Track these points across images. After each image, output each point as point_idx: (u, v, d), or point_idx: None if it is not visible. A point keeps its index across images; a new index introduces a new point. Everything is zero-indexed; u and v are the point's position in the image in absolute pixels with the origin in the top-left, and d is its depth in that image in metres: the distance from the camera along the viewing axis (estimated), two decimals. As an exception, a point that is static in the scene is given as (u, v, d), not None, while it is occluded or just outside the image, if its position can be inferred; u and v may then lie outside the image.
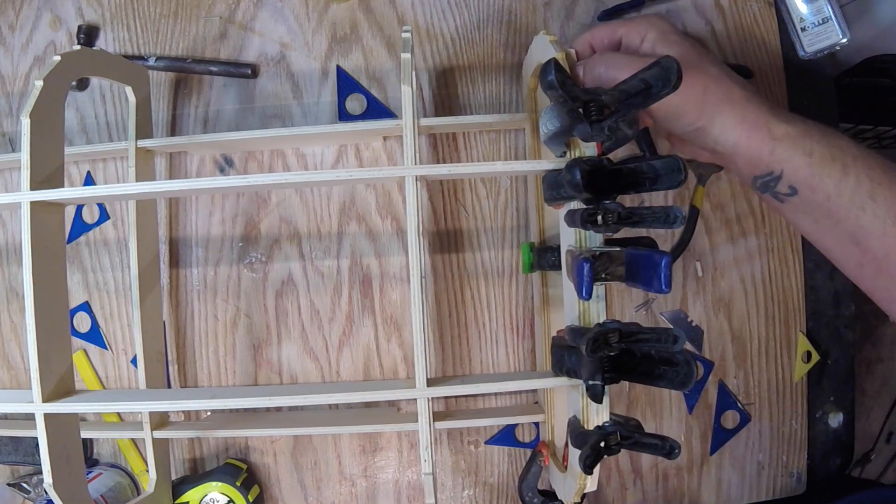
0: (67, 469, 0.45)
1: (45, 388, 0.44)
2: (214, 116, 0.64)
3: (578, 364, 0.42)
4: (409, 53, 0.46)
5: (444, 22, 0.63)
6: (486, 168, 0.49)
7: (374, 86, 0.63)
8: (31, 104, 0.44)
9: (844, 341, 0.64)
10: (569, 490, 0.46)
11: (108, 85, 0.65)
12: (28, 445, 0.63)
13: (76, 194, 0.46)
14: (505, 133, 0.63)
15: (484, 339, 0.63)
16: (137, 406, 0.48)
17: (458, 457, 0.63)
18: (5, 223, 0.65)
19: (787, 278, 0.63)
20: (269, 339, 0.63)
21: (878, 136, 1.01)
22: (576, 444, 0.41)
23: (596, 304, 0.42)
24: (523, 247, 0.57)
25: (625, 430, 0.40)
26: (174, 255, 0.63)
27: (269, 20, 0.63)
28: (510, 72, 0.63)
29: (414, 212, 0.44)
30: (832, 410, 0.64)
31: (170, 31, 0.64)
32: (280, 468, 0.64)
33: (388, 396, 0.45)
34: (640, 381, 0.40)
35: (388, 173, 0.45)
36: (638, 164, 0.39)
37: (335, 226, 0.63)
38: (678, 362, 0.38)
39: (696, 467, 0.63)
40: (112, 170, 0.64)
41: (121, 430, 0.60)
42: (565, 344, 0.44)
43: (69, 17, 0.64)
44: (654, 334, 0.38)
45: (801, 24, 0.61)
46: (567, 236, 0.44)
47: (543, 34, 0.49)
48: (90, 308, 0.64)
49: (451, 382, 0.46)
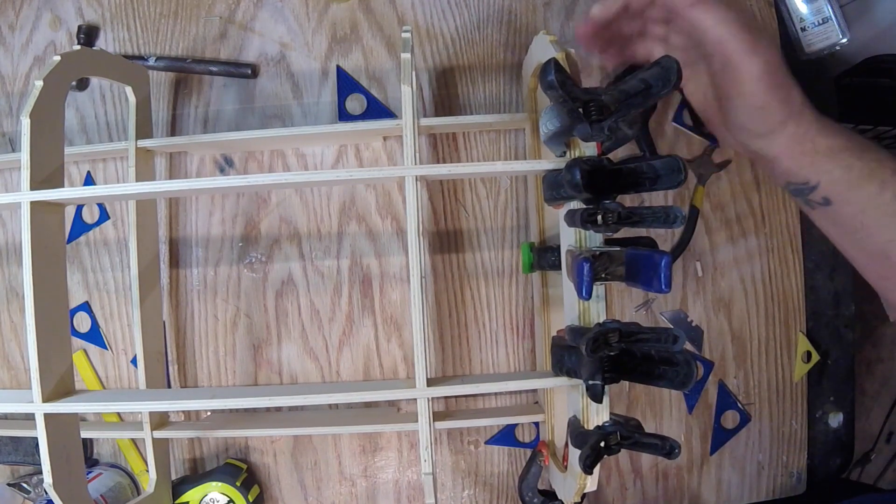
0: (67, 469, 0.45)
1: (45, 388, 0.44)
2: (214, 116, 0.64)
3: (578, 364, 0.42)
4: (409, 53, 0.46)
5: (444, 22, 0.63)
6: (486, 168, 0.49)
7: (374, 86, 0.63)
8: (31, 104, 0.44)
9: (844, 341, 0.64)
10: (569, 490, 0.46)
11: (108, 85, 0.65)
12: (28, 445, 0.63)
13: (76, 194, 0.46)
14: (505, 133, 0.63)
15: (484, 339, 0.63)
16: (137, 406, 0.48)
17: (458, 457, 0.63)
18: (5, 223, 0.65)
19: (787, 278, 0.63)
20: (269, 339, 0.63)
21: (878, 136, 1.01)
22: (576, 444, 0.41)
23: (596, 304, 0.42)
24: (523, 247, 0.57)
25: (625, 430, 0.40)
26: (174, 255, 0.63)
27: (269, 20, 0.63)
28: (510, 72, 0.63)
29: (414, 212, 0.44)
30: (832, 410, 0.64)
31: (170, 31, 0.64)
32: (280, 468, 0.64)
33: (388, 396, 0.45)
34: (640, 381, 0.40)
35: (388, 173, 0.45)
36: (638, 164, 0.39)
37: (335, 226, 0.63)
38: (678, 362, 0.38)
39: (696, 467, 0.63)
40: (112, 170, 0.64)
41: (121, 430, 0.60)
42: (565, 344, 0.44)
43: (69, 17, 0.64)
44: (654, 334, 0.38)
45: (801, 24, 0.61)
46: (567, 236, 0.44)
47: (543, 34, 0.49)
48: (90, 308, 0.64)
49: (451, 382, 0.46)
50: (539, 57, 0.51)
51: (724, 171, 0.62)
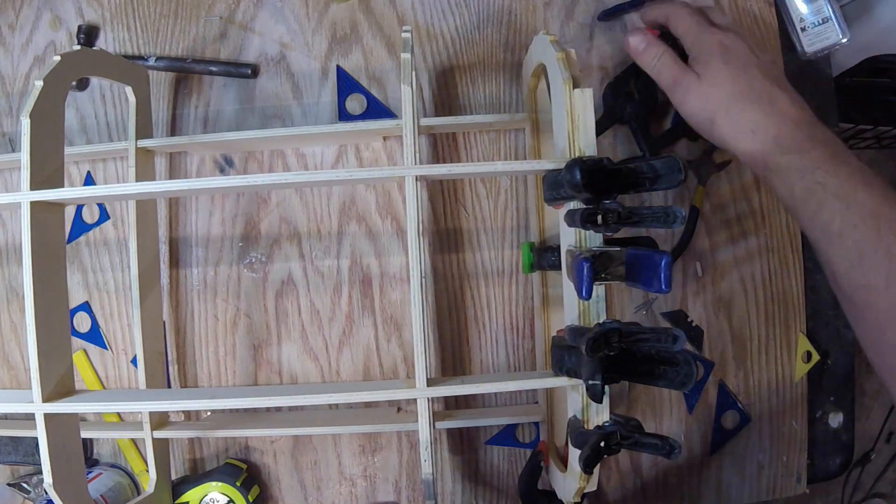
0: (67, 469, 0.45)
1: (45, 388, 0.44)
2: (214, 116, 0.64)
3: (578, 364, 0.42)
4: (409, 53, 0.46)
5: (444, 22, 0.63)
6: (486, 168, 0.49)
7: (374, 86, 0.63)
8: (31, 104, 0.44)
9: (844, 341, 0.64)
10: (569, 490, 0.46)
11: (108, 85, 0.65)
12: (28, 445, 0.63)
13: (76, 194, 0.46)
14: (505, 133, 0.63)
15: (484, 339, 0.63)
16: (137, 406, 0.48)
17: (458, 457, 0.63)
18: (5, 223, 0.65)
19: (787, 278, 0.63)
20: (269, 339, 0.63)
21: (878, 136, 1.01)
22: (576, 444, 0.41)
23: (596, 304, 0.42)
24: (523, 246, 0.57)
25: (625, 430, 0.40)
26: (174, 255, 0.63)
27: (269, 20, 0.63)
28: (510, 72, 0.63)
29: (414, 212, 0.44)
30: (832, 410, 0.64)
31: (170, 31, 0.64)
32: (280, 468, 0.64)
33: (388, 396, 0.45)
34: (640, 381, 0.40)
35: (388, 173, 0.45)
36: (638, 164, 0.39)
37: (335, 226, 0.63)
38: (678, 362, 0.38)
39: (696, 467, 0.63)
40: (112, 170, 0.64)
41: (121, 430, 0.60)
42: (565, 344, 0.44)
43: (69, 17, 0.64)
44: (653, 334, 0.38)
45: (801, 24, 0.61)
46: (567, 236, 0.44)
47: (543, 34, 0.49)
48: (90, 308, 0.64)
49: (451, 382, 0.45)
50: (539, 57, 0.51)
51: (723, 171, 0.62)
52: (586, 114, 0.43)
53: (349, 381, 0.63)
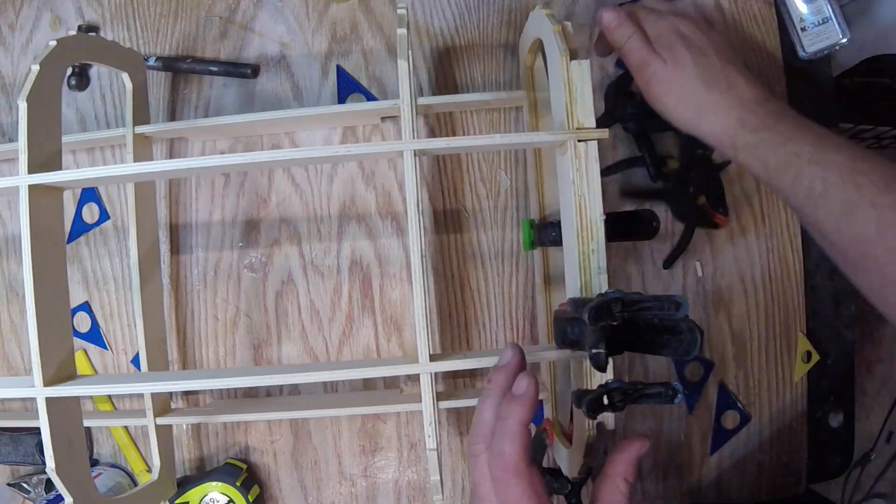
0: (69, 454, 0.45)
1: (45, 372, 0.44)
2: (214, 116, 0.64)
3: (581, 335, 0.41)
4: (404, 29, 0.46)
5: (445, 22, 0.63)
6: (485, 141, 0.47)
7: (374, 86, 0.63)
8: (27, 88, 0.44)
9: (844, 341, 0.64)
10: (574, 465, 0.46)
11: (108, 85, 0.65)
12: (28, 445, 0.63)
13: (74, 176, 0.45)
14: (503, 113, 0.63)
15: (484, 339, 0.63)
16: (139, 387, 0.47)
17: (460, 440, 0.63)
18: (5, 223, 0.65)
19: (787, 278, 0.63)
20: (269, 339, 0.63)
21: (878, 136, 1.01)
22: (578, 402, 0.40)
23: (598, 275, 0.42)
24: (523, 223, 0.57)
25: (627, 387, 0.39)
26: (174, 255, 0.63)
27: (269, 20, 0.64)
28: (506, 52, 0.63)
29: (413, 187, 0.44)
30: (832, 410, 0.64)
31: (170, 31, 0.64)
32: (280, 468, 0.64)
33: (391, 372, 0.45)
34: (644, 352, 0.39)
35: (387, 147, 0.45)
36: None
37: (335, 226, 0.63)
38: (681, 330, 0.37)
39: (696, 467, 0.63)
40: (110, 161, 0.64)
41: (124, 417, 0.60)
42: (568, 316, 0.43)
43: (69, 17, 0.64)
44: (656, 302, 0.37)
45: (801, 24, 0.61)
46: (567, 213, 0.44)
47: (539, 9, 0.49)
48: (90, 308, 0.64)
49: (453, 357, 0.45)
50: (535, 32, 0.50)
51: (723, 171, 0.62)
52: (584, 85, 0.43)
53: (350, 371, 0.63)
